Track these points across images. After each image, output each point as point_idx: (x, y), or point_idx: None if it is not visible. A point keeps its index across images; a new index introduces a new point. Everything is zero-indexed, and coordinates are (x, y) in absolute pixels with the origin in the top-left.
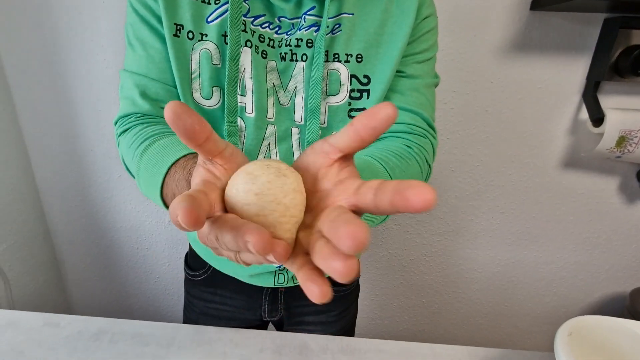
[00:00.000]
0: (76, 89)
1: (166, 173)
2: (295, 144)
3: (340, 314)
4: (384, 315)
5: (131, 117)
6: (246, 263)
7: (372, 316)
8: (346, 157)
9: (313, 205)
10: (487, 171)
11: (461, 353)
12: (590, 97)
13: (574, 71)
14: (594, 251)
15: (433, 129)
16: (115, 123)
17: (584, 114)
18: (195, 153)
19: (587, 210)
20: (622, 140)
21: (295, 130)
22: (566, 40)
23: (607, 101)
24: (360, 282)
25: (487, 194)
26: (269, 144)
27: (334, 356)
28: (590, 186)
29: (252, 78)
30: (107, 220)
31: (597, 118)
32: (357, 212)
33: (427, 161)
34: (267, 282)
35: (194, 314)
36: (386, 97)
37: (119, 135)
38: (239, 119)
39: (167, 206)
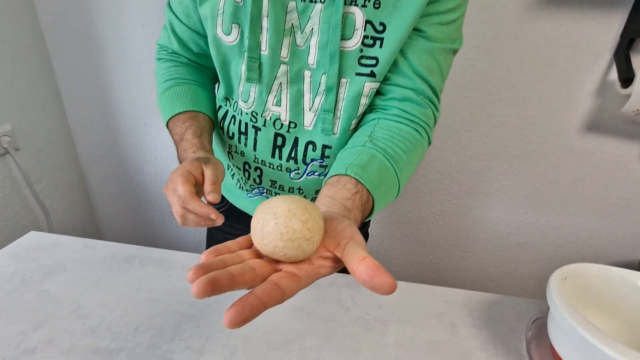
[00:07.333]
0: (107, 43)
1: (170, 117)
2: (306, 87)
3: None
4: (390, 268)
5: (166, 50)
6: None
7: None
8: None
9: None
10: (504, 132)
11: (458, 294)
12: (622, 54)
13: (608, 27)
14: (609, 218)
15: (438, 98)
16: (157, 44)
17: (613, 75)
18: (192, 113)
19: (606, 175)
20: None
21: (307, 73)
22: None
23: None
24: (369, 233)
25: (503, 154)
26: (280, 83)
27: (339, 289)
28: (612, 150)
29: (267, 16)
30: (134, 165)
31: (627, 78)
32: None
33: (429, 137)
34: None
35: (213, 244)
36: (399, 54)
37: (157, 60)
38: None
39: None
